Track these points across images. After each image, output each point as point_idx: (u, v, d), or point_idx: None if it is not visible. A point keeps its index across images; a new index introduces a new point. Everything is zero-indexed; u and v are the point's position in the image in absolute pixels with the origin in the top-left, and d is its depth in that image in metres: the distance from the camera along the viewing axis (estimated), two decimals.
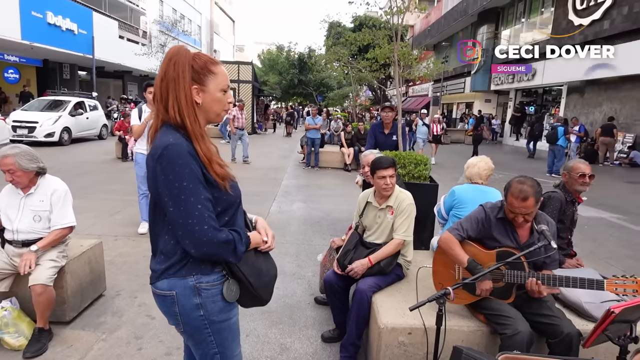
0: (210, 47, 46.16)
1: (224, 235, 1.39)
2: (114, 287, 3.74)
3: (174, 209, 1.35)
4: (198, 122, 1.42)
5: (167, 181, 1.34)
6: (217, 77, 1.46)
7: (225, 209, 1.47)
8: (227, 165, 1.49)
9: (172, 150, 1.34)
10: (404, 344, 2.40)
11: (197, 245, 1.36)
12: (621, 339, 1.95)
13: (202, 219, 1.34)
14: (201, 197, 1.35)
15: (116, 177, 8.75)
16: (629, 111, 14.93)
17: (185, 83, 1.39)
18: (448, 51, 27.37)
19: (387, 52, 7.15)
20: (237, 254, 1.44)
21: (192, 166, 1.35)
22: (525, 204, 2.26)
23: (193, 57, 1.43)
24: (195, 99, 1.42)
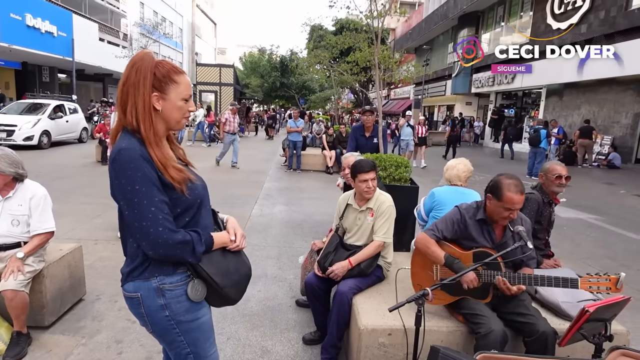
0: (191, 49, 45.82)
1: (180, 236, 1.41)
2: (94, 292, 3.69)
3: (129, 212, 1.38)
4: (153, 129, 1.43)
5: (121, 185, 1.37)
6: (179, 87, 1.48)
7: (185, 209, 1.48)
8: (185, 169, 1.50)
9: (124, 154, 1.36)
10: (384, 345, 2.40)
11: (153, 247, 1.38)
12: (596, 338, 1.98)
13: (156, 221, 1.36)
14: (154, 199, 1.37)
15: (96, 180, 8.59)
16: (607, 113, 15.30)
17: (145, 90, 1.41)
18: (429, 54, 27.67)
19: (368, 56, 7.19)
20: (195, 254, 1.45)
21: (145, 169, 1.36)
22: (522, 197, 2.30)
23: (156, 64, 1.45)
24: (154, 105, 1.44)
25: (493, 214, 2.39)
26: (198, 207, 1.53)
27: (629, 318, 3.61)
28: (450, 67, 26.23)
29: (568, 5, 15.92)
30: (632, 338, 2.68)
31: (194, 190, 1.50)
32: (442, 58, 28.73)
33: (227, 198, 7.65)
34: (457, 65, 24.82)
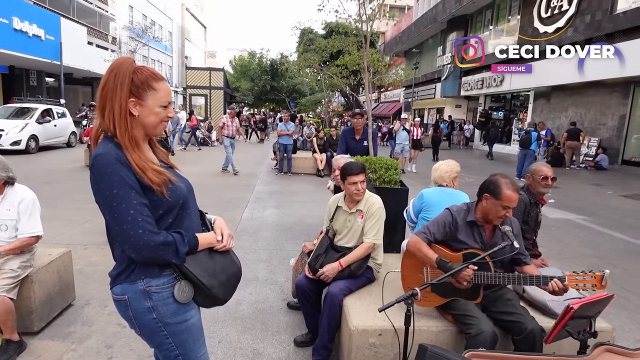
0: (181, 53, 45.69)
1: (162, 238, 1.41)
2: (83, 297, 3.67)
3: (109, 216, 1.39)
4: (128, 134, 1.44)
5: (100, 190, 1.38)
6: (157, 93, 1.49)
7: (168, 211, 1.49)
8: (165, 171, 1.50)
9: (100, 159, 1.38)
10: (375, 345, 2.42)
11: (135, 250, 1.40)
12: (581, 334, 2.02)
13: (135, 224, 1.37)
14: (133, 202, 1.38)
15: (85, 185, 8.34)
16: (593, 115, 15.54)
17: (122, 95, 1.43)
18: (419, 58, 27.88)
19: (357, 59, 7.23)
20: (179, 255, 1.46)
21: (122, 173, 1.38)
22: (518, 195, 2.34)
23: (135, 70, 1.46)
24: (131, 111, 1.45)
25: (489, 213, 2.41)
26: (181, 208, 1.53)
27: (615, 316, 3.68)
28: (439, 70, 26.47)
29: (555, 9, 16.18)
30: (617, 335, 2.73)
31: (176, 191, 1.51)
32: (431, 61, 29.00)
33: (217, 201, 7.63)
34: (446, 69, 25.07)
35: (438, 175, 3.50)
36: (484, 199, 2.43)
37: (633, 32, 12.79)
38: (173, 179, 1.51)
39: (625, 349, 1.92)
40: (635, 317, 3.80)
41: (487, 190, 2.41)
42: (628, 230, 6.79)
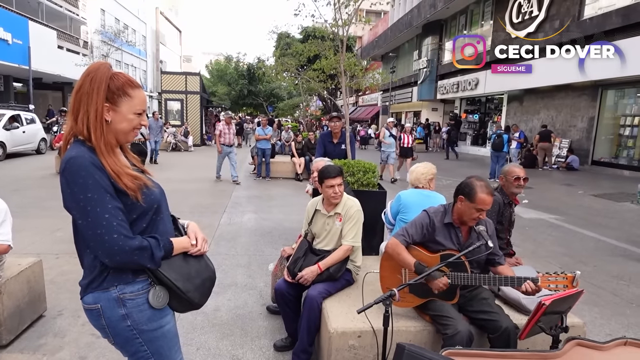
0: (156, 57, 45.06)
1: (137, 242, 1.39)
2: (55, 307, 3.56)
3: (82, 221, 1.36)
4: (104, 138, 1.42)
5: (73, 194, 1.35)
6: (132, 100, 1.47)
7: (142, 215, 1.47)
8: (140, 176, 1.48)
9: (74, 163, 1.35)
10: (354, 347, 2.43)
11: (109, 255, 1.36)
12: (553, 329, 2.07)
13: (110, 228, 1.34)
14: (108, 206, 1.35)
15: (56, 193, 8.06)
16: (564, 118, 16.02)
17: (98, 99, 1.41)
18: (395, 62, 28.23)
19: (334, 63, 7.28)
20: (154, 260, 1.44)
21: (96, 176, 1.35)
22: (492, 198, 2.38)
23: (111, 76, 1.44)
24: (105, 116, 1.43)
25: (463, 215, 2.45)
26: (155, 213, 1.52)
27: (587, 312, 3.79)
28: (416, 74, 26.85)
29: (525, 15, 16.64)
30: (588, 330, 2.81)
31: (150, 195, 1.49)
32: (408, 65, 29.42)
33: (195, 207, 7.54)
34: (422, 72, 25.44)
35: (414, 177, 3.55)
36: (459, 200, 2.48)
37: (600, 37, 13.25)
38: (149, 183, 1.49)
39: (596, 343, 1.97)
40: (605, 312, 3.92)
41: (462, 193, 2.45)
42: (598, 229, 7.01)
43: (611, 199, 9.73)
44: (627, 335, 2.04)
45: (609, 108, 14.71)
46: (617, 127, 14.36)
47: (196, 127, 21.56)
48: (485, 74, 18.84)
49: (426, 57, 25.13)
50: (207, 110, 25.09)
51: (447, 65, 23.62)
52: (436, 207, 2.63)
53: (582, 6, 14.37)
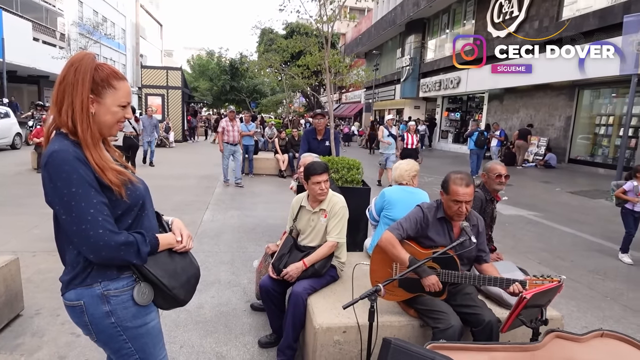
0: (136, 51, 44.24)
1: (123, 238, 1.37)
2: (33, 306, 3.47)
3: (66, 216, 1.32)
4: (90, 131, 1.39)
5: (56, 188, 1.31)
6: (116, 92, 1.44)
7: (127, 211, 1.45)
8: (125, 171, 1.46)
9: (57, 157, 1.31)
10: (339, 342, 2.44)
11: (94, 251, 1.34)
12: (533, 322, 2.13)
13: (95, 223, 1.32)
14: (93, 201, 1.33)
15: (33, 189, 8.07)
16: (542, 117, 16.36)
17: (84, 90, 1.37)
18: (379, 59, 28.36)
19: (318, 60, 7.28)
20: (141, 255, 1.42)
21: (80, 171, 1.32)
22: (468, 190, 2.41)
23: (96, 67, 1.41)
24: (90, 108, 1.40)
25: (447, 209, 2.51)
26: (140, 209, 1.50)
27: (564, 305, 3.90)
28: (399, 71, 27.03)
29: (506, 15, 16.90)
30: (566, 322, 2.89)
31: (135, 191, 1.47)
32: (391, 63, 29.58)
33: (177, 204, 7.45)
34: (405, 70, 25.63)
35: (398, 174, 3.58)
36: (440, 195, 2.55)
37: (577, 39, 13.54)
38: (133, 179, 1.47)
39: (574, 335, 2.04)
40: (582, 305, 4.04)
41: (442, 187, 2.53)
42: (575, 225, 7.20)
43: (587, 196, 10.00)
44: (603, 327, 2.11)
45: (585, 108, 15.10)
46: (593, 126, 14.74)
47: (178, 123, 21.29)
48: (467, 73, 19.08)
49: (409, 55, 25.32)
50: (188, 105, 24.80)
51: (430, 63, 23.87)
52: (429, 203, 2.67)
53: (560, 7, 14.67)
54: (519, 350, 1.96)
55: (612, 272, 4.93)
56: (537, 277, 2.28)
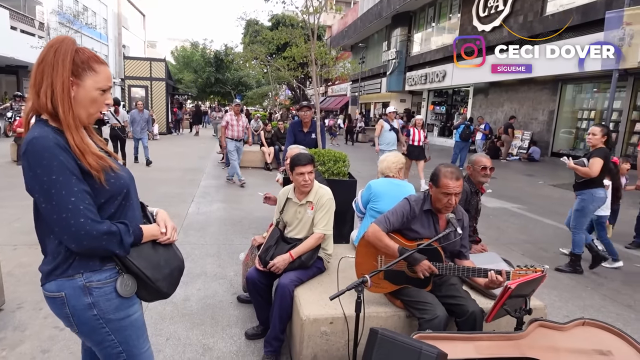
0: (118, 42, 43.32)
1: (105, 227, 1.34)
2: (14, 300, 3.41)
3: (47, 204, 1.29)
4: (72, 112, 1.35)
5: (36, 176, 1.28)
6: (97, 75, 1.40)
7: (109, 200, 1.42)
8: (106, 157, 1.42)
9: (37, 144, 1.28)
10: (326, 333, 2.45)
11: (75, 240, 1.30)
12: (517, 312, 2.16)
13: (76, 212, 1.28)
14: (74, 189, 1.29)
15: (13, 181, 7.89)
16: (526, 110, 16.57)
17: (64, 71, 1.33)
18: (365, 52, 28.31)
19: (304, 51, 7.23)
20: (124, 246, 1.40)
21: (61, 157, 1.29)
22: (458, 183, 2.43)
23: (76, 49, 1.37)
24: (70, 89, 1.36)
25: (436, 201, 2.53)
26: (124, 198, 1.46)
27: (547, 295, 3.97)
28: (385, 65, 27.04)
29: (491, 9, 17.00)
30: (548, 312, 2.94)
31: (119, 179, 1.44)
32: (377, 56, 29.56)
33: (161, 197, 7.37)
34: (391, 64, 25.65)
35: (385, 166, 3.59)
36: (429, 187, 2.56)
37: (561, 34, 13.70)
38: (114, 166, 1.43)
39: (557, 324, 2.07)
40: (563, 295, 4.12)
41: (431, 180, 2.55)
42: (557, 217, 7.33)
43: (569, 189, 10.12)
44: (584, 316, 2.15)
45: (568, 102, 15.33)
46: (575, 120, 15.00)
47: (162, 115, 21.00)
48: (452, 67, 19.18)
49: (395, 49, 25.33)
50: (172, 97, 24.48)
51: (416, 57, 23.93)
52: (417, 195, 2.68)
53: (544, 3, 14.81)
54: (503, 339, 1.99)
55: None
56: (521, 267, 2.31)
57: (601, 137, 4.55)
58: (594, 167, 4.47)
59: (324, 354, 2.47)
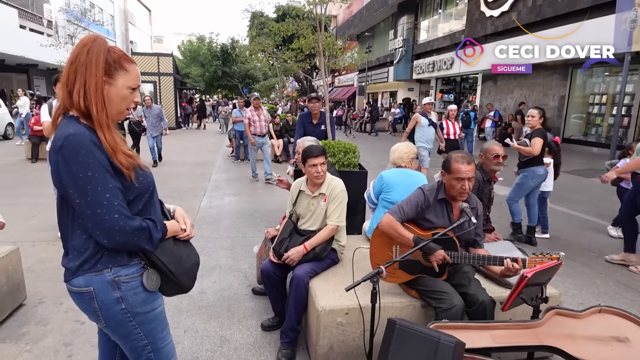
0: (125, 38, 43.46)
1: (137, 223, 1.38)
2: (35, 295, 3.49)
3: (81, 200, 1.31)
4: (106, 111, 1.38)
5: (71, 172, 1.30)
6: (128, 74, 1.44)
7: (137, 197, 1.45)
8: (135, 155, 1.46)
9: (73, 140, 1.30)
10: (342, 324, 2.48)
11: (109, 235, 1.34)
12: (534, 300, 2.16)
13: (111, 208, 1.32)
14: (109, 185, 1.33)
15: (28, 179, 8.03)
16: (537, 97, 16.34)
17: (98, 70, 1.36)
18: (371, 41, 28.08)
19: (312, 42, 7.20)
20: (153, 241, 1.43)
21: (97, 155, 1.32)
22: (470, 167, 2.44)
23: (109, 49, 1.40)
24: (104, 88, 1.38)
25: (450, 189, 2.52)
26: (150, 195, 1.50)
27: (560, 283, 3.96)
28: (392, 53, 26.80)
29: None
30: (563, 300, 2.94)
31: (147, 177, 1.48)
32: (383, 45, 29.28)
33: (173, 191, 7.44)
34: (398, 52, 25.42)
35: (397, 156, 3.58)
36: (442, 175, 2.57)
37: (571, 17, 13.46)
38: (142, 164, 1.47)
39: (573, 311, 2.08)
40: (577, 282, 4.11)
41: (443, 167, 2.55)
42: (569, 204, 7.28)
43: (581, 175, 10.08)
44: (600, 303, 2.15)
45: (579, 87, 15.09)
46: (587, 105, 14.76)
47: (170, 110, 21.08)
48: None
49: (402, 37, 25.07)
50: (181, 92, 24.55)
51: (423, 44, 23.66)
52: (430, 185, 2.68)
53: None
54: (520, 328, 2.00)
55: (606, 250, 5.00)
56: (536, 254, 2.31)
57: (539, 119, 5.12)
58: (535, 146, 4.96)
59: (340, 344, 2.50)
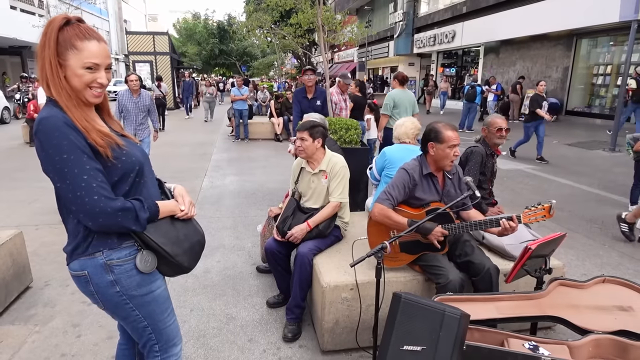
0: (119, 17, 42.69)
1: (119, 204, 1.35)
2: (41, 278, 3.53)
3: (61, 184, 1.30)
4: (65, 92, 1.34)
5: (48, 156, 1.29)
6: (79, 53, 1.34)
7: (122, 178, 1.42)
8: (112, 135, 1.42)
9: (46, 123, 1.29)
10: (347, 299, 2.50)
11: (91, 217, 1.32)
12: (537, 272, 2.17)
13: (90, 190, 1.29)
14: (86, 167, 1.30)
15: (28, 163, 8.01)
16: (539, 68, 16.11)
17: (50, 51, 1.32)
18: (371, 15, 27.55)
19: (311, 17, 7.06)
20: (139, 222, 1.40)
21: (71, 136, 1.29)
22: (456, 132, 2.45)
23: (60, 28, 1.34)
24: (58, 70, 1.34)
25: (440, 159, 2.49)
26: (137, 175, 1.46)
27: (563, 254, 3.98)
28: (392, 27, 26.32)
29: None
30: (566, 271, 2.95)
31: (130, 157, 1.43)
32: (383, 19, 28.74)
33: (174, 172, 7.43)
34: (398, 26, 24.97)
35: (402, 131, 3.53)
36: (430, 147, 2.52)
37: None
38: (120, 142, 1.41)
39: (577, 282, 2.08)
40: (580, 254, 4.13)
41: (429, 139, 2.51)
42: (572, 176, 7.25)
43: (584, 147, 10.03)
44: (604, 274, 2.16)
45: (583, 57, 14.83)
46: (591, 76, 14.55)
47: (168, 89, 20.85)
48: (462, 26, 18.63)
49: (402, 10, 24.58)
50: (178, 71, 24.23)
51: (424, 17, 23.23)
52: (410, 163, 2.62)
53: None
54: (524, 299, 2.01)
55: (609, 221, 5.00)
56: (529, 207, 2.28)
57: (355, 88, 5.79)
58: None
59: (345, 319, 2.53)
